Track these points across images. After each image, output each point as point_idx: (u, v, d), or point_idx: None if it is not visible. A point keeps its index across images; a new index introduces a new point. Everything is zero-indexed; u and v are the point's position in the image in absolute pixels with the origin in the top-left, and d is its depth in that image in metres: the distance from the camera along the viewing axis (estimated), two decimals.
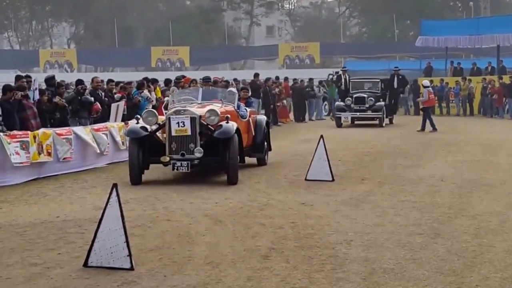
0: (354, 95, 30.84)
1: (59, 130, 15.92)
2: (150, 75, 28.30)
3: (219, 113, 14.17)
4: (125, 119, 18.84)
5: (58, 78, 20.09)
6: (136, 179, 14.04)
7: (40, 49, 71.02)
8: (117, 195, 7.76)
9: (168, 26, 65.86)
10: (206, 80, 20.64)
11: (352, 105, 30.58)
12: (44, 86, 18.19)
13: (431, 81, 40.82)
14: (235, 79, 33.10)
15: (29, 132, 14.81)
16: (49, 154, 15.26)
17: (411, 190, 13.12)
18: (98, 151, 17.04)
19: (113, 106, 18.64)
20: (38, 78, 18.82)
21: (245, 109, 16.53)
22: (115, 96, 20.00)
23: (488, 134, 25.99)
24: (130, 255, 7.75)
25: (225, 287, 7.20)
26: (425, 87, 28.53)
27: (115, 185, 7.83)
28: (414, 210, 11.19)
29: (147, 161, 14.26)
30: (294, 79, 37.66)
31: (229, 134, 13.75)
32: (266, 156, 17.12)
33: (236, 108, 15.74)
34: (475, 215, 10.77)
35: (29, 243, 9.23)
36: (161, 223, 10.39)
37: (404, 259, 8.17)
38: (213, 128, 13.94)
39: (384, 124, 30.46)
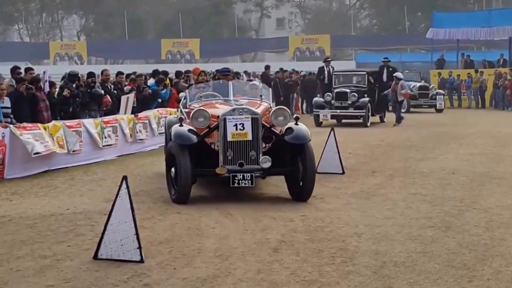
0: (335, 90, 27.18)
1: (69, 122, 15.95)
2: (160, 67, 28.30)
3: (288, 113, 11.64)
4: (134, 111, 18.85)
5: (67, 70, 20.08)
6: (185, 196, 11.10)
7: (50, 41, 71.14)
8: (127, 187, 7.76)
9: (178, 18, 65.83)
10: (225, 72, 15.80)
11: (333, 101, 26.79)
12: (51, 79, 18.19)
13: (439, 74, 40.85)
14: (245, 71, 33.07)
15: (39, 124, 14.85)
16: (61, 146, 15.29)
17: (422, 183, 13.08)
18: (101, 145, 17.02)
19: (123, 98, 18.64)
20: (49, 70, 18.79)
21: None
22: (125, 88, 20.02)
23: (499, 126, 25.91)
24: (140, 247, 7.75)
25: (235, 279, 7.19)
26: (399, 79, 27.13)
27: (125, 178, 7.83)
28: (425, 203, 11.17)
29: (195, 174, 11.23)
30: (301, 71, 37.54)
31: (305, 139, 11.20)
32: None
33: (270, 105, 13.13)
34: (486, 208, 10.75)
35: (39, 236, 9.24)
36: (171, 215, 10.38)
37: (415, 252, 8.15)
38: (278, 132, 11.43)
39: (369, 123, 26.51)
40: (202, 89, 13.50)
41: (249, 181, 10.93)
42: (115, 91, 19.07)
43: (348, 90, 26.82)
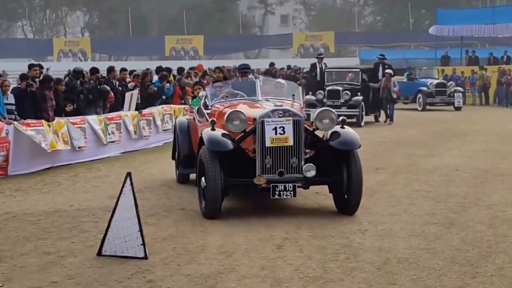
0: (327, 88, 25.88)
1: (72, 119, 15.98)
2: (164, 64, 28.33)
3: (335, 115, 10.28)
4: (138, 108, 18.87)
5: (71, 67, 20.14)
6: (215, 212, 9.82)
7: (54, 38, 71.09)
8: (131, 184, 7.78)
9: (182, 15, 65.79)
10: (244, 69, 13.46)
11: (325, 100, 25.43)
12: (56, 75, 18.24)
13: (443, 70, 40.74)
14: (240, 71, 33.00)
15: (42, 120, 14.86)
16: (65, 142, 15.33)
17: (425, 179, 13.08)
18: (105, 142, 17.05)
19: (127, 95, 18.67)
20: (52, 66, 18.86)
21: None
22: (129, 85, 20.05)
23: (503, 123, 25.83)
24: (144, 244, 7.76)
25: (239, 276, 7.20)
26: (391, 75, 26.26)
27: (128, 174, 7.85)
28: (429, 199, 11.18)
29: (228, 185, 9.91)
30: (303, 68, 37.30)
31: (354, 145, 9.96)
32: None
33: (302, 106, 11.72)
34: (490, 205, 10.76)
35: (43, 232, 9.27)
36: (175, 212, 10.40)
37: (419, 249, 8.16)
38: (322, 136, 10.33)
39: (363, 123, 25.15)
40: (221, 88, 12.02)
41: (291, 192, 9.69)
42: (119, 88, 19.08)
43: (340, 88, 25.66)
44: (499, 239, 8.68)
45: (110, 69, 19.53)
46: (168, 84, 21.46)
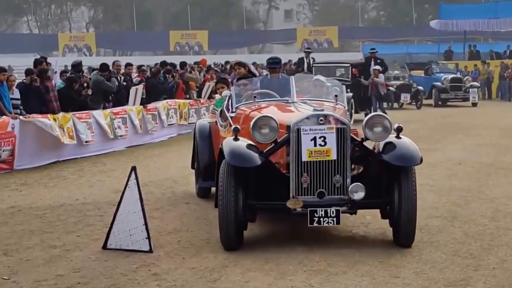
0: None
1: (78, 113, 16.07)
2: (169, 59, 28.38)
3: (389, 122, 8.19)
4: (143, 102, 18.96)
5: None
6: (233, 240, 8.00)
7: (59, 33, 71.23)
8: (136, 178, 7.84)
9: (187, 10, 65.80)
10: (272, 64, 10.81)
11: None
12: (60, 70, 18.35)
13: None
14: (254, 63, 33.07)
15: (48, 115, 14.97)
16: (71, 137, 15.42)
17: (428, 173, 13.08)
18: (112, 136, 17.14)
19: (132, 89, 18.76)
20: (58, 61, 19.00)
21: None
22: (134, 79, 20.16)
23: (506, 118, 25.87)
24: (149, 237, 7.82)
25: (243, 269, 7.26)
26: (380, 71, 25.28)
27: (133, 168, 7.90)
28: (432, 193, 11.19)
29: (254, 208, 8.11)
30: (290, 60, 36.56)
31: (413, 160, 8.01)
32: None
33: (346, 108, 9.78)
34: (492, 199, 10.79)
35: (49, 226, 9.34)
36: (180, 206, 10.46)
37: (422, 242, 8.20)
38: (373, 149, 8.35)
39: (352, 122, 22.99)
40: (246, 87, 10.18)
41: (334, 219, 7.80)
42: (124, 83, 19.19)
43: (329, 84, 24.21)
44: (501, 232, 8.72)
45: (113, 63, 19.72)
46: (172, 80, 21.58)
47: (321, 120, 7.95)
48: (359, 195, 7.85)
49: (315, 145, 7.86)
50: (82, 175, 13.67)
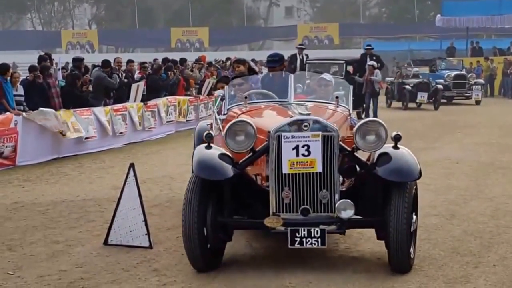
0: (307, 81, 23.65)
1: (79, 110, 16.16)
2: (170, 56, 28.45)
3: (385, 129, 7.22)
4: (144, 99, 19.04)
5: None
6: (199, 261, 7.13)
7: (62, 30, 71.25)
8: (135, 175, 7.92)
9: (188, 7, 65.79)
10: (272, 62, 10.06)
11: None
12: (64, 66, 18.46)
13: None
14: (253, 59, 33.12)
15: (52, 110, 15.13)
16: (76, 130, 15.57)
17: (425, 172, 12.80)
18: (111, 133, 17.24)
19: (133, 86, 18.84)
20: (62, 58, 19.14)
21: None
22: (135, 76, 20.24)
23: (506, 116, 25.77)
24: (148, 233, 7.91)
25: (243, 264, 7.34)
26: (374, 67, 24.01)
27: (132, 165, 7.98)
28: (429, 192, 11.14)
29: (229, 226, 7.26)
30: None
31: (411, 174, 7.10)
32: None
33: (350, 111, 8.86)
34: (491, 197, 10.80)
35: (51, 222, 9.45)
36: (178, 202, 10.47)
37: (419, 240, 8.11)
38: (366, 160, 7.38)
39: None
40: (242, 86, 9.12)
41: (319, 240, 6.85)
42: (126, 79, 19.27)
43: None
44: (501, 230, 8.74)
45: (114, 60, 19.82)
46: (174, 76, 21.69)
47: (305, 126, 6.95)
48: (348, 213, 6.84)
49: (297, 155, 6.85)
50: (82, 172, 13.76)
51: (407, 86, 28.79)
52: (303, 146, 6.84)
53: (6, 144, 13.94)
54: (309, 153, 6.84)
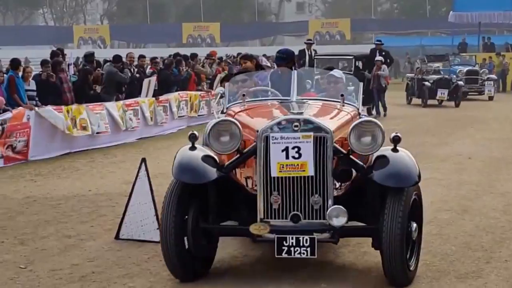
0: (315, 77, 23.13)
1: (91, 105, 16.23)
2: (181, 51, 28.49)
3: (381, 130, 6.68)
4: (155, 94, 19.08)
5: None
6: (177, 270, 6.73)
7: (74, 25, 71.52)
8: (146, 169, 7.95)
9: (199, 2, 65.85)
10: (280, 59, 9.24)
11: (312, 90, 22.91)
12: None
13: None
14: (264, 55, 33.12)
15: (63, 106, 15.19)
16: (84, 128, 15.59)
17: (437, 167, 13.08)
18: (124, 128, 17.30)
19: (145, 81, 18.91)
20: (73, 53, 19.26)
21: (365, 112, 9.39)
22: (147, 71, 20.30)
23: None
24: (159, 228, 7.91)
25: (254, 259, 7.37)
26: (383, 63, 23.98)
27: (143, 160, 8.01)
28: (441, 187, 11.17)
29: (215, 233, 6.86)
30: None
31: (408, 179, 6.63)
32: None
33: (360, 110, 8.15)
34: (504, 193, 10.76)
35: (63, 216, 9.50)
36: None
37: (431, 235, 8.20)
38: (363, 164, 6.78)
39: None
40: (244, 83, 8.49)
41: (308, 250, 6.39)
42: (138, 74, 19.34)
43: None
44: None
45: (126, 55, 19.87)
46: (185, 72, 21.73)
47: (296, 126, 6.48)
48: (340, 220, 6.36)
49: (287, 157, 6.38)
50: (93, 167, 13.81)
51: (426, 83, 28.10)
52: (293, 148, 6.40)
53: (18, 138, 14.03)
54: (300, 155, 6.39)
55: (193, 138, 6.86)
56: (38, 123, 14.53)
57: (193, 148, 6.83)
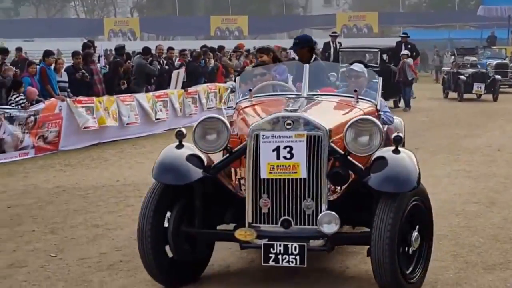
0: (341, 70, 22.21)
1: (122, 96, 16.42)
2: (209, 43, 28.57)
3: (380, 127, 6.12)
4: (184, 86, 19.20)
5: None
6: (159, 275, 6.33)
7: (105, 17, 71.99)
8: None
9: None
10: (296, 42, 9.21)
11: (338, 83, 22.10)
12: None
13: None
14: (291, 47, 32.98)
15: (94, 98, 15.39)
16: (115, 119, 15.79)
17: (466, 159, 13.04)
18: (154, 119, 17.44)
19: (174, 73, 19.05)
20: (103, 45, 19.48)
21: (388, 108, 8.37)
22: (175, 63, 20.41)
23: None
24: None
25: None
26: (408, 57, 23.67)
27: None
28: (469, 179, 11.13)
29: (202, 237, 6.40)
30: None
31: (406, 184, 5.88)
32: None
33: (378, 107, 7.56)
34: None
35: (91, 206, 9.59)
36: None
37: (459, 227, 8.20)
38: (361, 165, 6.18)
39: None
40: (256, 78, 7.91)
41: (297, 258, 5.87)
42: (166, 66, 19.47)
43: None
44: None
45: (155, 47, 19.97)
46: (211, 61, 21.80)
47: (288, 124, 5.95)
48: (331, 227, 5.82)
49: (278, 158, 5.88)
50: (122, 157, 13.93)
51: (461, 76, 27.43)
52: (284, 148, 5.88)
53: (50, 129, 14.25)
54: (292, 155, 5.87)
55: (180, 135, 6.49)
56: (70, 114, 14.73)
57: (180, 146, 6.48)
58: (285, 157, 5.86)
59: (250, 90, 7.48)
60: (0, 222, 8.80)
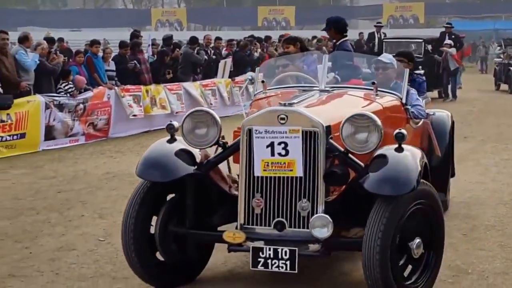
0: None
1: (169, 85, 16.63)
2: (256, 34, 28.65)
3: (378, 124, 5.55)
4: (231, 75, 19.33)
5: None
6: (146, 276, 5.94)
7: (152, 8, 72.49)
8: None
9: None
10: (326, 24, 9.67)
11: None
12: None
13: None
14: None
15: (141, 86, 15.64)
16: (163, 107, 15.99)
17: (502, 148, 12.93)
18: (206, 105, 17.63)
19: (221, 62, 19.24)
20: (151, 35, 19.81)
21: (420, 102, 7.65)
22: (222, 53, 20.57)
23: None
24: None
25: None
26: (452, 46, 23.25)
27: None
28: None
29: (191, 239, 5.92)
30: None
31: (403, 186, 5.32)
32: (448, 193, 8.52)
33: (403, 100, 7.12)
34: None
35: None
36: None
37: (506, 217, 8.14)
38: (361, 164, 5.64)
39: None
40: (277, 69, 7.72)
41: (287, 263, 5.45)
42: (214, 56, 19.67)
43: None
44: None
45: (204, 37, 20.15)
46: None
47: (282, 119, 5.52)
48: (323, 232, 5.38)
49: (272, 154, 5.49)
50: None
51: None
52: (279, 144, 5.47)
53: (99, 117, 14.50)
54: (287, 152, 5.47)
55: (171, 129, 5.97)
56: (118, 102, 14.97)
57: (172, 140, 5.96)
58: (280, 154, 5.47)
59: (263, 81, 7.17)
60: (50, 206, 8.96)
